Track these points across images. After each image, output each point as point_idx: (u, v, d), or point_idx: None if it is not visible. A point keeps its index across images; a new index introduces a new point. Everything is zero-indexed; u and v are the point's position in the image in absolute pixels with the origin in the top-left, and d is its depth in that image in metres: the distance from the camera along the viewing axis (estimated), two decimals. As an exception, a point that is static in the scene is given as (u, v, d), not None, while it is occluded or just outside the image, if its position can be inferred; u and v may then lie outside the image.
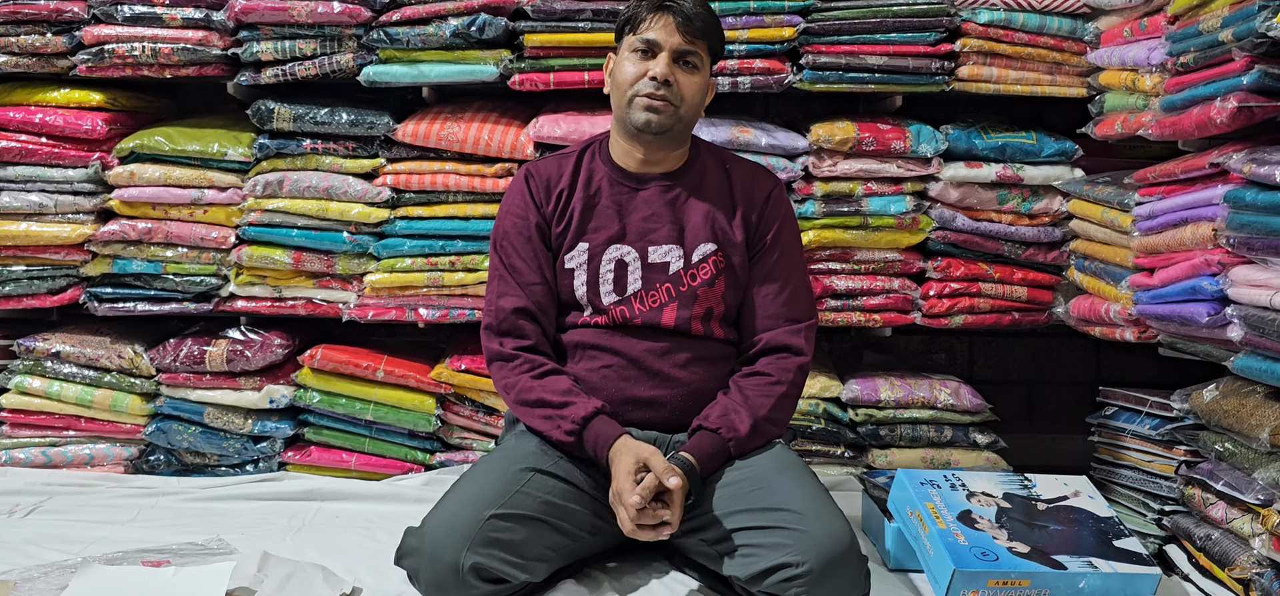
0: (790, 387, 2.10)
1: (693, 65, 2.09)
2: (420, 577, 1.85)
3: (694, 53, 2.08)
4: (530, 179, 2.19)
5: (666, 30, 2.06)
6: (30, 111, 2.76)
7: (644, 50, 2.08)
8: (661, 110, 2.06)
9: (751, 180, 2.21)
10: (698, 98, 2.11)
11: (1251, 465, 2.02)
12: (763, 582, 1.83)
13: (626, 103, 2.09)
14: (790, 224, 2.21)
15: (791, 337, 2.12)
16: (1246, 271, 2.01)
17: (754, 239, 2.17)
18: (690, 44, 2.07)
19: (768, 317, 2.14)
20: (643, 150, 2.14)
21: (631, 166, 2.17)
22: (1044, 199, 2.77)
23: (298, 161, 2.76)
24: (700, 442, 2.01)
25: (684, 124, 2.12)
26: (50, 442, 2.78)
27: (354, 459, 2.77)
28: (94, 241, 2.77)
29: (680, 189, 2.17)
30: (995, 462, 2.74)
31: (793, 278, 2.17)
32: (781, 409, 2.09)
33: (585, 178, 2.17)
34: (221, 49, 2.75)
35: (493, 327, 2.13)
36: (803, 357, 2.12)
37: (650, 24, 2.07)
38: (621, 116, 2.12)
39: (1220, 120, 2.04)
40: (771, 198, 2.19)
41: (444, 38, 2.68)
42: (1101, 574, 1.95)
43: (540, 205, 2.16)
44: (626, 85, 2.08)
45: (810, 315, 2.18)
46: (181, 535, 2.27)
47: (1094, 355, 3.31)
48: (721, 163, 2.23)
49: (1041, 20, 2.71)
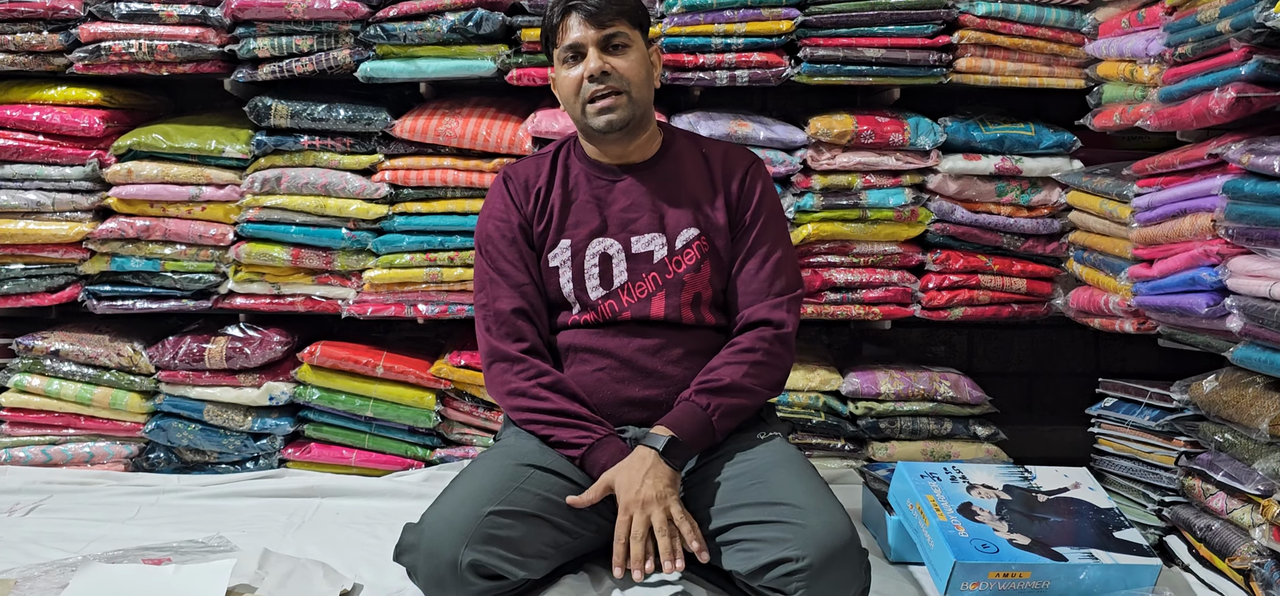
0: (766, 355, 2.08)
1: (621, 46, 2.08)
2: (419, 574, 1.85)
3: (616, 33, 2.07)
4: (508, 181, 2.19)
5: (582, 27, 2.06)
6: (27, 109, 2.75)
7: (572, 56, 2.08)
8: (614, 105, 2.06)
9: (728, 161, 2.20)
10: (641, 73, 2.10)
11: (1251, 456, 2.02)
12: (763, 577, 1.82)
13: (581, 112, 2.09)
14: (769, 198, 2.20)
15: (773, 311, 2.12)
16: (1245, 262, 2.01)
17: (736, 218, 2.16)
18: (607, 28, 2.06)
19: (751, 294, 2.14)
20: (613, 146, 2.14)
21: (605, 160, 2.17)
22: (1043, 191, 2.77)
23: (295, 158, 2.76)
24: (675, 412, 2.02)
25: (641, 107, 2.11)
26: (50, 441, 2.78)
27: (354, 455, 2.77)
28: (92, 239, 2.76)
29: (657, 176, 2.16)
30: (995, 455, 2.74)
31: (774, 251, 2.16)
32: (759, 374, 2.07)
33: (562, 174, 2.17)
34: (218, 45, 2.75)
35: (492, 329, 2.12)
36: (784, 329, 2.11)
37: (565, 30, 2.07)
38: (582, 125, 2.13)
39: (1218, 111, 2.04)
40: (748, 174, 2.18)
41: (441, 33, 2.68)
42: (1102, 565, 1.95)
43: (520, 205, 2.16)
44: (573, 95, 2.09)
45: (793, 287, 2.16)
46: (182, 533, 2.27)
47: (1093, 346, 3.31)
48: (697, 146, 2.22)
49: (1039, 12, 2.70)
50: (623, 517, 1.90)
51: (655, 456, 1.94)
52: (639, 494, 1.89)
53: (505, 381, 2.08)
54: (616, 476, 1.94)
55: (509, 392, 2.08)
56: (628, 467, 1.94)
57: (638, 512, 1.88)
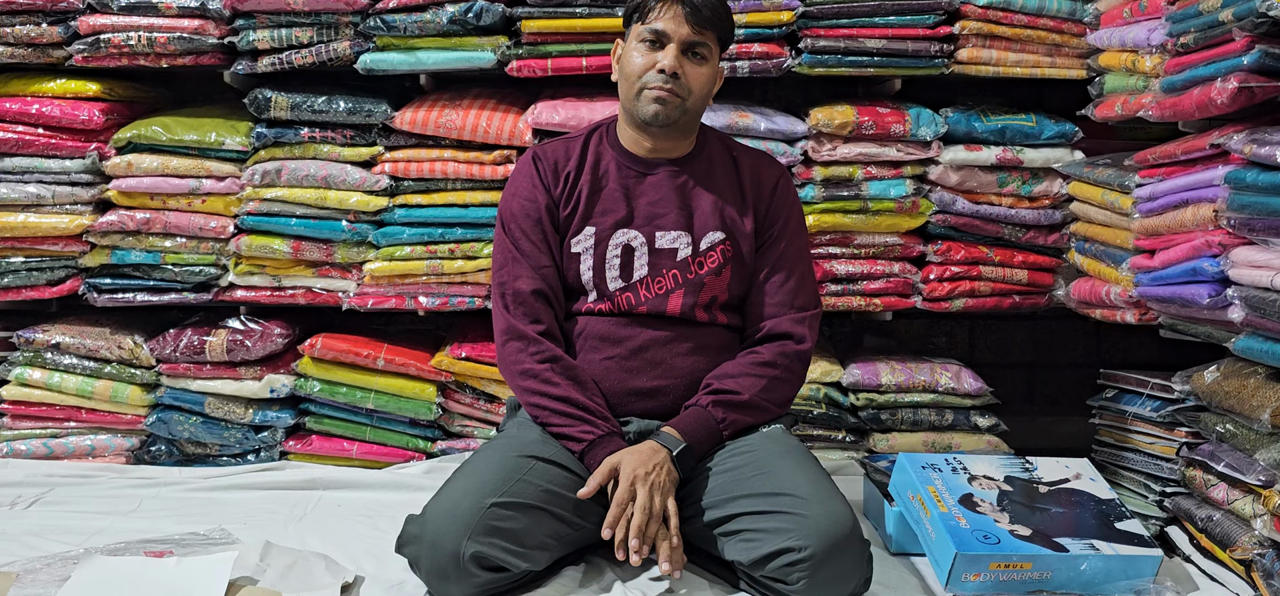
0: (785, 372, 2.10)
1: (701, 56, 2.08)
2: (421, 566, 1.85)
3: (702, 44, 2.07)
4: (538, 161, 2.18)
5: (675, 21, 2.04)
6: (27, 102, 2.75)
7: (652, 41, 2.06)
8: (668, 103, 2.06)
9: (759, 170, 2.21)
10: (706, 89, 2.11)
11: (1253, 446, 2.02)
12: (765, 567, 1.83)
13: (635, 94, 2.08)
14: (797, 213, 2.22)
15: (795, 326, 2.13)
16: (1247, 252, 2.01)
17: (762, 229, 2.17)
18: (699, 34, 2.06)
19: (774, 306, 2.15)
20: (650, 139, 2.14)
21: (639, 152, 2.16)
22: (1044, 181, 2.76)
23: (296, 150, 2.75)
24: (690, 419, 2.02)
25: (691, 115, 2.12)
26: (51, 434, 2.78)
27: (355, 447, 2.77)
28: (92, 232, 2.76)
29: (688, 176, 2.16)
30: (996, 446, 2.74)
31: (798, 266, 2.18)
32: (774, 391, 2.09)
33: (593, 161, 2.17)
34: (218, 38, 2.74)
35: (510, 308, 2.11)
36: (804, 345, 2.13)
37: (659, 13, 2.05)
38: (629, 107, 2.12)
39: (1221, 101, 2.03)
40: (779, 187, 2.20)
41: (441, 24, 2.67)
42: (1103, 556, 1.95)
43: (548, 187, 2.16)
44: (635, 76, 2.07)
45: (814, 305, 2.18)
46: (183, 525, 2.27)
47: (1095, 337, 3.31)
48: (728, 150, 2.23)
49: (1041, 1, 2.70)
50: (625, 486, 1.89)
51: (667, 455, 1.95)
52: (647, 475, 1.90)
53: (518, 361, 2.08)
54: (623, 457, 1.93)
55: (521, 372, 2.07)
56: (637, 452, 1.94)
57: (642, 487, 1.88)
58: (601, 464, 1.94)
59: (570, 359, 2.09)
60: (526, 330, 2.08)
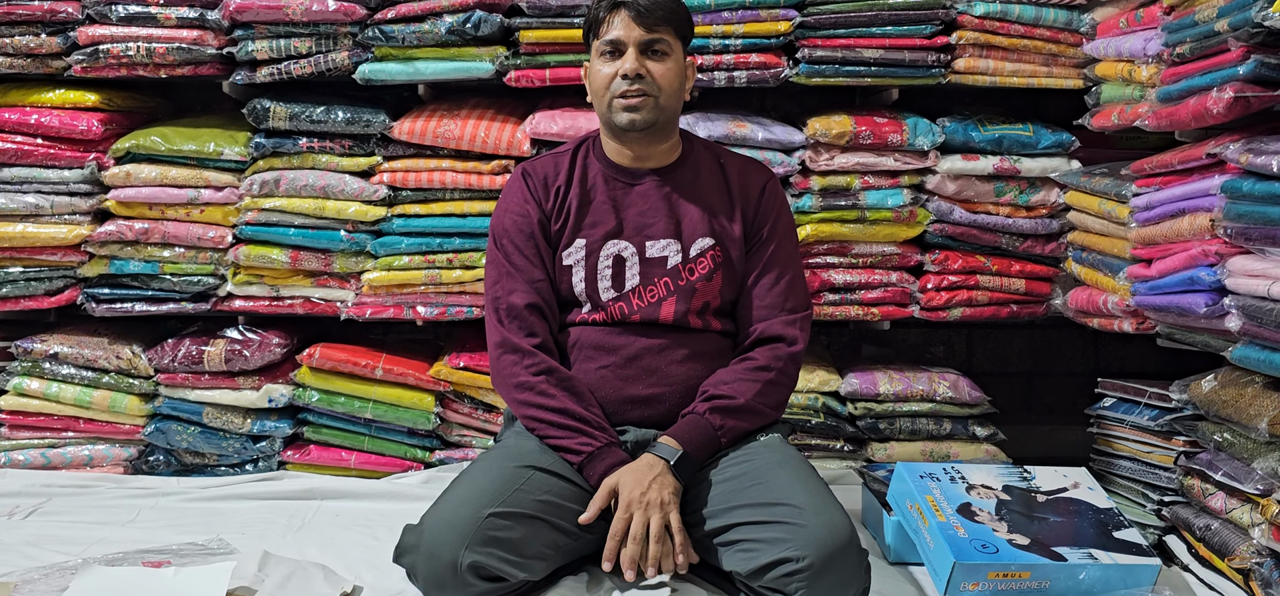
0: (779, 374, 2.11)
1: (661, 52, 2.10)
2: (419, 575, 1.85)
3: (659, 39, 2.09)
4: (528, 177, 2.19)
5: (626, 26, 2.07)
6: (25, 112, 2.75)
7: (610, 51, 2.09)
8: (640, 107, 2.07)
9: (746, 174, 2.21)
10: (675, 84, 2.12)
11: (1250, 455, 2.02)
12: (763, 577, 1.83)
13: (607, 106, 2.10)
14: (785, 216, 2.22)
15: (786, 327, 2.14)
16: (1244, 261, 2.01)
17: (751, 233, 2.18)
18: (651, 32, 2.07)
19: (765, 308, 2.16)
20: (632, 148, 2.15)
21: (624, 162, 2.17)
22: (1041, 191, 2.77)
23: (294, 160, 2.76)
24: (686, 426, 2.02)
25: (667, 114, 2.12)
26: (49, 444, 2.78)
27: (353, 457, 2.77)
28: (91, 242, 2.76)
29: (675, 183, 2.17)
30: (994, 455, 2.74)
31: (788, 269, 2.19)
32: (769, 394, 2.10)
33: (581, 174, 2.18)
34: (216, 48, 2.75)
35: (505, 321, 2.11)
36: (796, 347, 2.13)
37: (609, 24, 2.08)
38: (605, 120, 2.14)
39: (1217, 110, 2.04)
40: (766, 191, 2.20)
41: (439, 35, 2.68)
42: (1101, 565, 1.95)
43: (540, 201, 2.17)
44: (603, 89, 2.10)
45: (805, 306, 2.19)
46: (182, 535, 2.27)
47: (1092, 346, 3.31)
48: (715, 157, 2.24)
49: (1037, 12, 2.71)
50: (622, 514, 1.90)
51: (665, 466, 1.95)
52: (643, 496, 1.90)
53: (513, 374, 2.08)
54: (621, 478, 1.94)
55: (516, 385, 2.07)
56: (634, 471, 1.94)
57: (638, 513, 1.89)
58: (601, 485, 1.95)
59: (565, 370, 2.09)
60: (521, 343, 2.08)
